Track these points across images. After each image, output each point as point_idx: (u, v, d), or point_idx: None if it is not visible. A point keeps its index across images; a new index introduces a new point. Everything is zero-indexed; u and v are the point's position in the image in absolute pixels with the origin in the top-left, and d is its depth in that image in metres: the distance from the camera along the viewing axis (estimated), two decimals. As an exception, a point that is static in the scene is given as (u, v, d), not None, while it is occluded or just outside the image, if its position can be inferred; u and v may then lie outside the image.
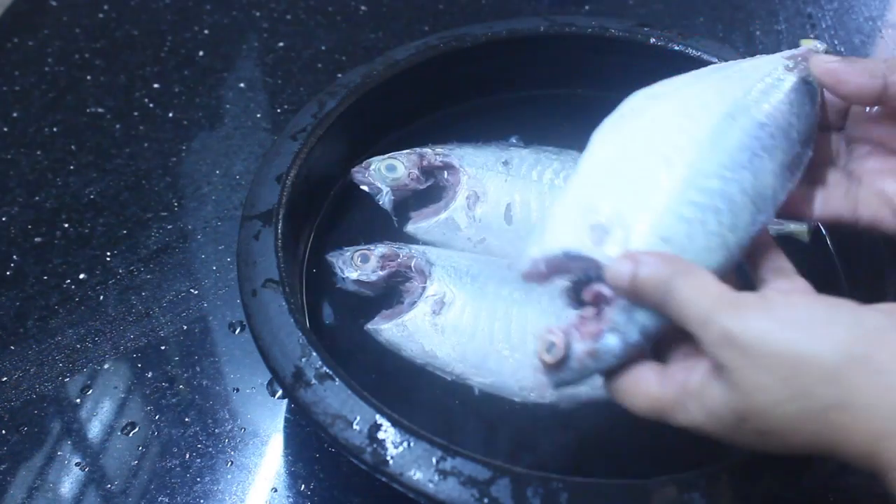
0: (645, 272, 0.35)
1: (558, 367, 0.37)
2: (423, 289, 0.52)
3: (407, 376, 0.51)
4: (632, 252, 0.36)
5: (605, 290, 0.37)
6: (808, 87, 0.42)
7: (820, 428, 0.31)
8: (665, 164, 0.39)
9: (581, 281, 0.38)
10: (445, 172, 0.59)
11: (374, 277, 0.53)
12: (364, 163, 0.58)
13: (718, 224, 0.37)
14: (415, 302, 0.52)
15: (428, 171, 0.59)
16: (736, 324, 0.32)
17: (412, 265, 0.53)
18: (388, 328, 0.51)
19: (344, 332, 0.54)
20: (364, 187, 0.58)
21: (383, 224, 0.58)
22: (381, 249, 0.54)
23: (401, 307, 0.52)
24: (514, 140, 0.62)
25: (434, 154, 0.59)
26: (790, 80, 0.42)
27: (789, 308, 0.33)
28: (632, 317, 0.36)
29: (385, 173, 0.57)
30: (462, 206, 0.57)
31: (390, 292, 0.54)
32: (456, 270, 0.53)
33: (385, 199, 0.57)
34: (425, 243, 0.57)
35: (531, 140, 0.63)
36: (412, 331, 0.51)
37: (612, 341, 0.36)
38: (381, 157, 0.58)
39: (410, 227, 0.57)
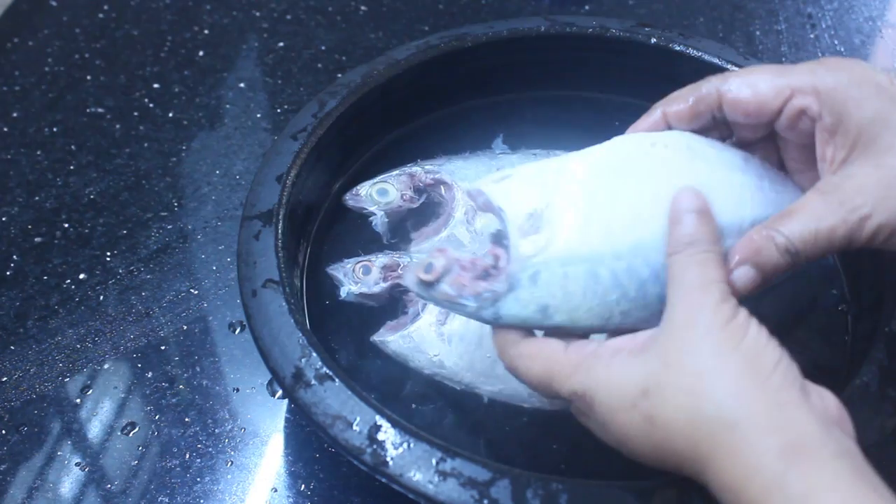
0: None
1: (422, 285, 0.39)
2: None
3: (411, 380, 0.51)
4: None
5: (502, 261, 0.39)
6: None
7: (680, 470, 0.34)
8: (633, 220, 0.39)
9: (502, 234, 0.40)
10: (442, 188, 0.58)
11: (376, 289, 0.53)
12: (355, 188, 0.58)
13: (615, 303, 0.39)
14: (419, 312, 0.51)
15: (420, 190, 0.58)
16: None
17: None
18: (393, 340, 0.51)
19: (345, 332, 0.54)
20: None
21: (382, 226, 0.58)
22: (382, 260, 0.53)
23: (405, 318, 0.52)
24: (500, 142, 0.63)
25: (424, 172, 0.58)
26: None
27: (726, 326, 0.34)
28: (496, 306, 0.39)
29: (377, 198, 0.57)
30: (461, 221, 0.57)
31: (394, 302, 0.54)
32: None
33: (379, 223, 0.57)
34: None
35: (518, 144, 0.63)
36: (418, 341, 0.50)
37: (469, 305, 0.39)
38: (372, 181, 0.58)
39: (414, 248, 0.57)
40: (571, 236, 0.38)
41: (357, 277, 0.53)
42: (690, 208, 0.37)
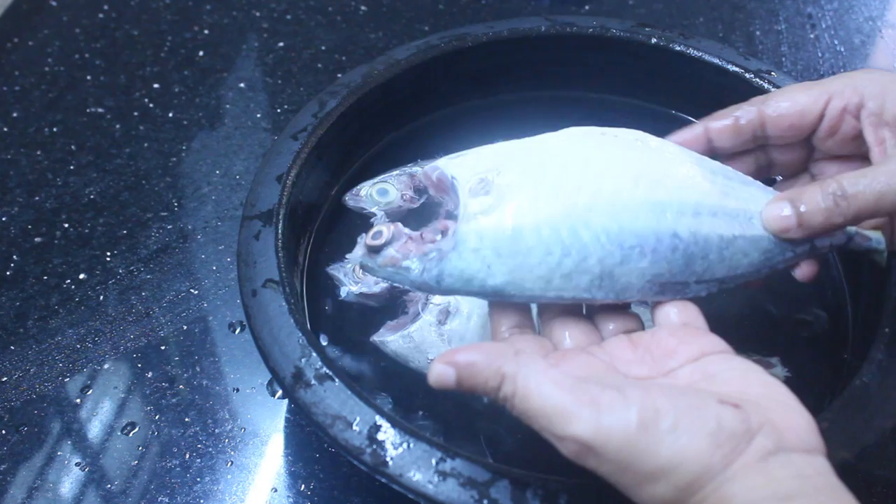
0: (469, 380, 0.33)
1: (370, 253, 0.41)
2: (427, 298, 0.52)
3: (411, 381, 0.51)
4: (449, 352, 0.34)
5: (451, 229, 0.40)
6: (772, 250, 0.41)
7: None
8: (579, 187, 0.40)
9: (450, 213, 0.42)
10: None
11: (376, 289, 0.53)
12: (355, 188, 0.58)
13: (557, 263, 0.39)
14: (419, 312, 0.51)
15: (420, 190, 0.58)
16: (596, 436, 0.31)
17: None
18: (393, 340, 0.51)
19: (345, 332, 0.54)
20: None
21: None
22: None
23: (405, 318, 0.52)
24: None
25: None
26: (758, 233, 0.41)
27: (655, 413, 0.31)
28: (441, 264, 0.39)
29: (377, 198, 0.57)
30: None
31: (393, 302, 0.54)
32: None
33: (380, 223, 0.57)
34: None
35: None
36: (418, 342, 0.50)
37: (413, 268, 0.40)
38: (372, 181, 0.58)
39: None
40: (520, 197, 0.39)
41: (357, 277, 0.53)
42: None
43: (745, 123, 0.44)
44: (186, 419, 0.53)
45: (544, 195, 0.39)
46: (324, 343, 0.53)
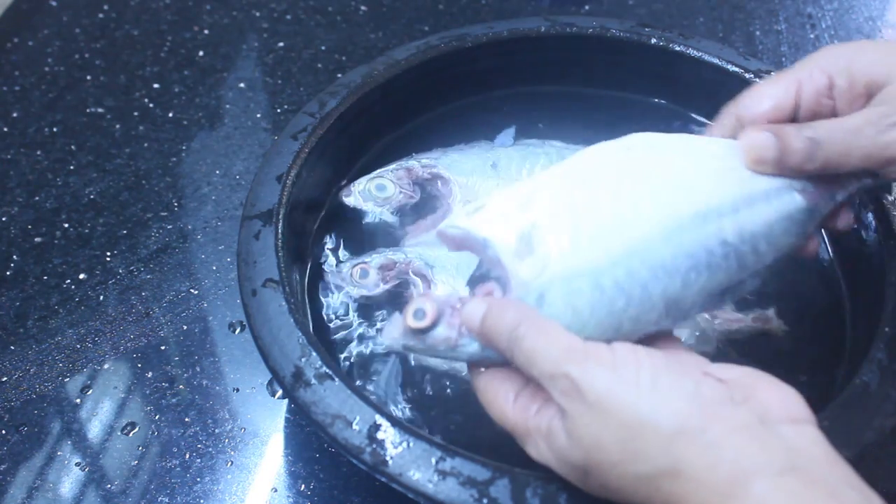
0: (493, 318, 0.36)
1: (415, 334, 0.38)
2: (429, 286, 0.52)
3: (410, 380, 0.51)
4: (489, 297, 0.37)
5: (498, 293, 0.38)
6: (805, 217, 0.41)
7: (651, 493, 0.32)
8: (619, 223, 0.38)
9: (484, 274, 0.39)
10: (438, 182, 0.58)
11: (375, 291, 0.53)
12: (352, 185, 0.58)
13: (623, 310, 0.37)
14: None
15: (418, 183, 0.58)
16: (584, 377, 0.33)
17: (411, 271, 0.53)
18: (400, 338, 0.50)
19: (345, 330, 0.54)
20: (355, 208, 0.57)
21: (383, 222, 0.58)
22: (377, 260, 0.53)
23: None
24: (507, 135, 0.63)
25: (421, 166, 0.58)
26: (791, 204, 0.41)
27: (636, 369, 0.33)
28: None
29: (375, 193, 0.57)
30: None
31: (394, 298, 0.54)
32: (457, 269, 0.53)
33: (379, 217, 0.57)
34: None
35: (517, 135, 0.63)
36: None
37: (471, 346, 0.37)
38: (369, 176, 0.58)
39: (409, 243, 0.56)
40: (567, 252, 0.37)
41: (355, 282, 0.53)
42: (478, 316, 0.37)
43: (730, 133, 0.43)
44: (186, 419, 0.53)
45: (589, 242, 0.37)
46: (323, 342, 0.53)
